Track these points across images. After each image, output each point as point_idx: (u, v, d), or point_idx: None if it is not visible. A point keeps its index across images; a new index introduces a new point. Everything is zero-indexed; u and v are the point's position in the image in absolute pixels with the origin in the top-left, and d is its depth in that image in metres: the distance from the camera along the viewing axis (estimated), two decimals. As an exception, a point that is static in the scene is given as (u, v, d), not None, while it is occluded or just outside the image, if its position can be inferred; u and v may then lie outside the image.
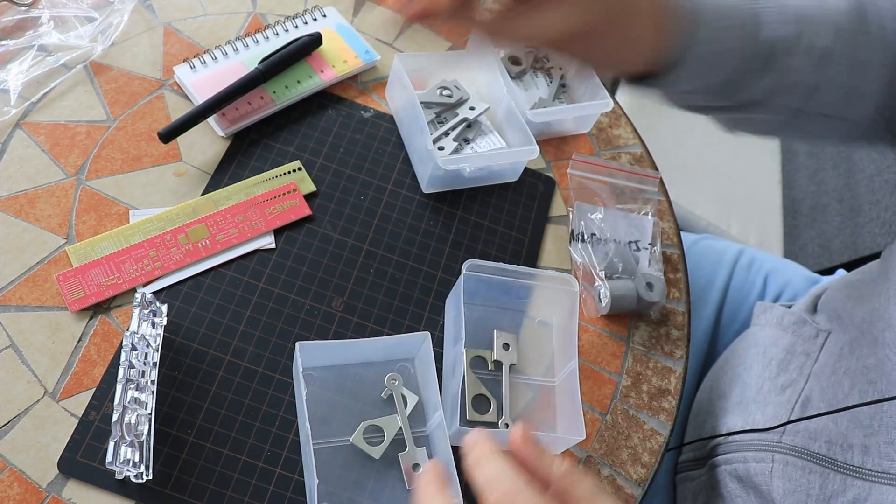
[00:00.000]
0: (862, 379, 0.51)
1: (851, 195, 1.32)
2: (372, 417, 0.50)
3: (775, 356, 0.61)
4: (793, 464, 0.52)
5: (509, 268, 0.55)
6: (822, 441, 0.51)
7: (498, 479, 0.37)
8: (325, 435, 0.50)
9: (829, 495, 0.48)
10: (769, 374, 0.60)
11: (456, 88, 0.65)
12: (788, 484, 0.51)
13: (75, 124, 0.60)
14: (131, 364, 0.47)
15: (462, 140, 0.63)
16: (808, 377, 0.56)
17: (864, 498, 0.46)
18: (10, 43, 0.62)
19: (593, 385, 0.57)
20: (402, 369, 0.53)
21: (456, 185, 0.63)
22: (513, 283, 0.56)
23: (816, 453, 0.51)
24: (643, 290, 0.59)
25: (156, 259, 0.54)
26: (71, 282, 0.52)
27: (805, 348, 0.59)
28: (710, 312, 0.77)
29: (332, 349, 0.52)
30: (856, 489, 0.47)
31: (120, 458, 0.45)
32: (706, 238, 0.85)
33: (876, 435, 0.47)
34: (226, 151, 0.61)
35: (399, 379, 0.52)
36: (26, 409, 0.48)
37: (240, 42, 0.65)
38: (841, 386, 0.52)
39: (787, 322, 0.62)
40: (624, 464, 0.54)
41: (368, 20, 0.71)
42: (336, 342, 0.53)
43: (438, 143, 0.62)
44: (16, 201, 0.55)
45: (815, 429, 0.52)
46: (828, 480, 0.49)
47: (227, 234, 0.56)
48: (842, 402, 0.51)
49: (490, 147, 0.64)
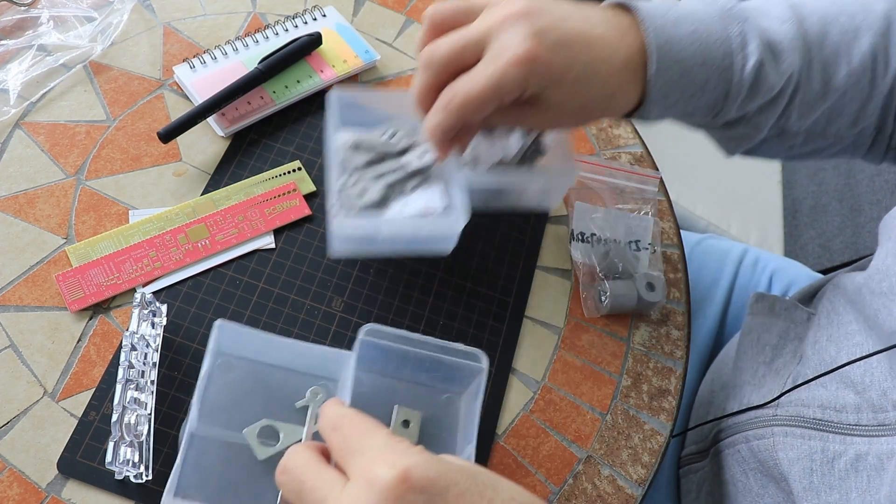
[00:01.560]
0: (847, 342, 0.52)
1: (851, 195, 1.32)
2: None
3: (769, 342, 0.61)
4: (791, 433, 0.52)
5: (413, 336, 0.49)
6: (815, 406, 0.52)
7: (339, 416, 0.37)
8: (219, 425, 0.48)
9: (831, 457, 0.49)
10: (763, 360, 0.60)
11: (409, 131, 0.55)
12: (791, 453, 0.52)
13: (75, 124, 0.60)
14: (131, 364, 0.47)
15: (399, 190, 0.53)
16: (800, 358, 0.57)
17: (865, 453, 0.47)
18: (9, 43, 0.62)
19: (593, 385, 0.57)
20: (326, 386, 0.50)
21: (373, 249, 0.54)
22: (416, 354, 0.50)
23: (812, 418, 0.51)
24: (643, 290, 0.59)
25: (155, 259, 0.54)
26: (70, 282, 0.52)
27: (797, 332, 0.60)
28: (715, 311, 0.77)
29: (252, 339, 0.49)
30: (856, 446, 0.48)
31: (119, 459, 0.45)
32: (710, 237, 0.86)
33: (868, 390, 0.48)
34: (225, 151, 0.61)
35: (322, 394, 0.49)
36: (26, 410, 0.48)
37: (240, 42, 0.65)
38: (827, 352, 0.53)
39: (778, 308, 0.63)
40: (624, 464, 0.54)
41: (368, 20, 0.71)
42: (258, 331, 0.49)
43: (359, 188, 0.52)
44: (15, 201, 0.55)
45: (807, 397, 0.53)
46: (828, 443, 0.50)
47: (227, 234, 0.56)
48: (829, 367, 0.52)
49: (425, 205, 0.52)
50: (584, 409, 0.56)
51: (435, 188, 0.53)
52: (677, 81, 0.47)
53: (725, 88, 0.48)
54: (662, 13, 0.47)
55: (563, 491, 0.52)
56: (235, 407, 0.49)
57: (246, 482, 0.47)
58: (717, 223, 1.17)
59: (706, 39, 0.47)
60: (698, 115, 0.50)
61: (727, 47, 0.47)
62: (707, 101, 0.49)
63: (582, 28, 0.45)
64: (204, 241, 0.56)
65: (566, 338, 0.58)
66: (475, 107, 0.45)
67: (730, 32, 0.47)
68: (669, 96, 0.48)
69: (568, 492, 0.52)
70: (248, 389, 0.50)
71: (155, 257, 0.54)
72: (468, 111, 0.45)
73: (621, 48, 0.46)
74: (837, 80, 0.50)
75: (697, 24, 0.47)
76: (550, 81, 0.45)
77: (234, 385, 0.50)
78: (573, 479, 0.53)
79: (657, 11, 0.47)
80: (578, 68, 0.45)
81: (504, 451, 0.53)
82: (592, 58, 0.45)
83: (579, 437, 0.54)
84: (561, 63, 0.44)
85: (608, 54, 0.46)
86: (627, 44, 0.46)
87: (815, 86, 0.50)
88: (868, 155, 0.57)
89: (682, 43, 0.46)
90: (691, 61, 0.47)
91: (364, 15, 0.72)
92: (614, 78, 0.46)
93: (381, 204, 0.52)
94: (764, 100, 0.49)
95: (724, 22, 0.48)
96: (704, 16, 0.48)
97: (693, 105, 0.49)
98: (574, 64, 0.45)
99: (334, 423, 0.36)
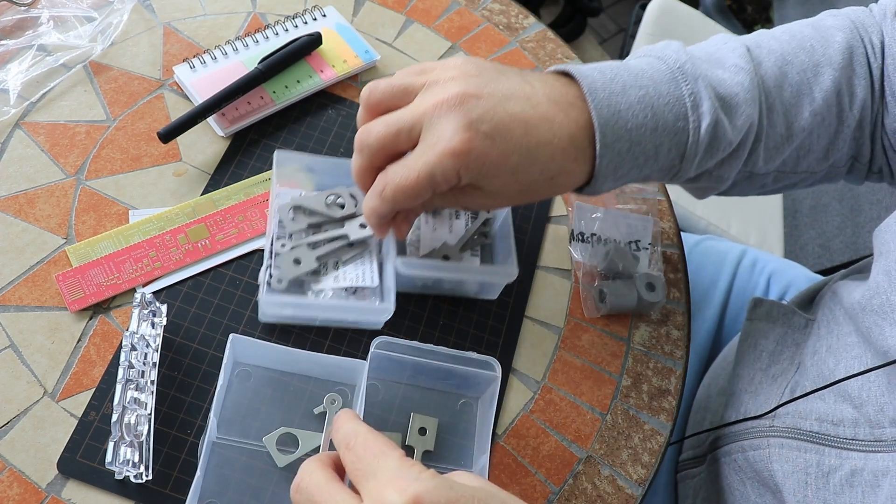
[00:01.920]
0: (846, 354, 0.51)
1: (851, 195, 1.32)
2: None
3: (766, 347, 0.61)
4: (787, 445, 0.52)
5: (425, 347, 0.50)
6: (813, 419, 0.51)
7: (353, 434, 0.38)
8: (238, 434, 0.48)
9: (826, 471, 0.49)
10: (760, 366, 0.60)
11: (352, 198, 0.55)
12: (787, 465, 0.51)
13: (75, 124, 0.60)
14: (131, 364, 0.47)
15: (334, 261, 0.53)
16: (798, 365, 0.57)
17: (860, 468, 0.47)
18: (9, 43, 0.62)
19: (593, 385, 0.57)
20: (343, 392, 0.51)
21: (302, 319, 0.53)
22: (430, 364, 0.50)
23: (808, 431, 0.51)
24: (643, 290, 0.59)
25: (155, 259, 0.54)
26: (70, 282, 0.52)
27: (795, 338, 0.59)
28: (713, 313, 0.77)
29: (268, 351, 0.50)
30: (851, 461, 0.47)
31: (119, 459, 0.45)
32: (709, 238, 0.86)
33: (865, 406, 0.47)
34: (225, 151, 0.61)
35: (338, 401, 0.50)
36: (26, 410, 0.48)
37: (240, 42, 0.65)
38: (825, 363, 0.53)
39: (776, 314, 0.62)
40: (624, 464, 0.54)
41: (368, 20, 0.71)
42: (273, 345, 0.50)
43: (294, 255, 0.52)
44: (15, 201, 0.55)
45: (805, 408, 0.52)
46: (823, 457, 0.49)
47: (227, 234, 0.56)
48: (827, 379, 0.51)
49: (358, 280, 0.52)
50: (584, 409, 0.56)
51: (370, 264, 0.53)
52: (628, 152, 0.45)
53: (680, 151, 0.46)
54: (609, 79, 0.45)
55: (563, 491, 0.52)
56: (254, 415, 0.50)
57: (266, 489, 0.47)
58: (717, 223, 1.17)
59: (656, 104, 0.45)
60: (654, 178, 0.49)
61: (679, 110, 0.45)
62: (661, 166, 0.47)
63: (521, 110, 0.43)
64: (204, 241, 0.56)
65: (566, 338, 0.58)
66: (408, 197, 0.44)
67: (681, 92, 0.45)
68: (620, 168, 0.46)
69: (568, 492, 0.52)
70: (267, 397, 0.50)
71: (155, 257, 0.54)
72: (401, 200, 0.44)
73: (565, 125, 0.44)
74: (802, 121, 0.49)
75: (647, 88, 0.45)
76: (486, 172, 0.43)
77: (252, 393, 0.50)
78: (573, 480, 0.53)
79: (603, 79, 0.45)
80: (516, 157, 0.43)
81: (504, 451, 0.53)
82: (532, 143, 0.43)
83: (579, 437, 0.54)
84: (497, 153, 0.42)
85: (550, 136, 0.43)
86: (573, 119, 0.44)
87: (778, 129, 0.49)
88: (848, 178, 0.57)
89: (630, 111, 0.44)
90: (641, 129, 0.44)
91: (364, 15, 0.72)
92: (557, 160, 0.44)
93: (315, 273, 0.52)
94: (723, 155, 0.48)
95: (675, 82, 0.46)
96: (654, 75, 0.46)
97: (647, 171, 0.47)
98: (511, 153, 0.43)
99: (347, 442, 0.37)
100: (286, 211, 0.54)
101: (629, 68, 0.46)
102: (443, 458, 0.51)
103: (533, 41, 0.74)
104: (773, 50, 0.50)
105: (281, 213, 0.54)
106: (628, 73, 0.46)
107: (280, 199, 0.55)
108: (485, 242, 0.57)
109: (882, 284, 0.48)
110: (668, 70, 0.46)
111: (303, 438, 0.49)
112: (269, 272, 0.51)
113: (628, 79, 0.45)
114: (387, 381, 0.52)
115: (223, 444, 0.48)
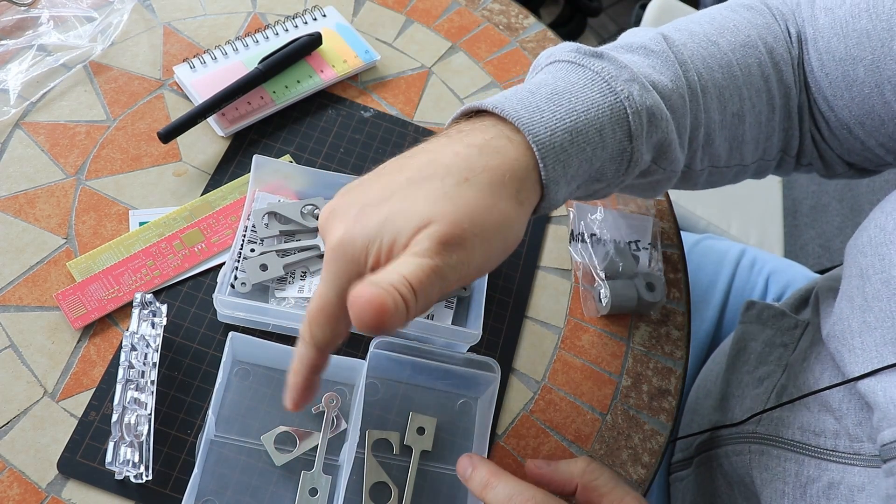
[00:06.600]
0: (831, 363, 0.51)
1: (851, 195, 1.32)
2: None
3: (754, 350, 0.61)
4: (767, 452, 0.52)
5: (423, 347, 0.50)
6: (795, 427, 0.51)
7: (520, 493, 0.38)
8: (236, 432, 0.48)
9: (804, 481, 0.48)
10: (748, 369, 0.60)
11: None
12: (765, 473, 0.51)
13: (75, 124, 0.60)
14: (131, 364, 0.47)
15: (301, 270, 0.53)
16: (785, 367, 0.57)
17: (838, 481, 0.46)
18: (9, 43, 0.62)
19: (593, 385, 0.57)
20: (341, 392, 0.51)
21: (256, 321, 0.52)
22: (429, 364, 0.50)
23: (790, 440, 0.51)
24: (643, 290, 0.59)
25: (153, 268, 0.54)
26: (71, 300, 0.51)
27: (783, 340, 0.59)
28: (712, 313, 0.77)
29: (267, 350, 0.50)
30: (830, 473, 0.47)
31: (119, 459, 0.45)
32: (708, 238, 0.85)
33: (845, 418, 0.47)
34: (225, 151, 0.61)
35: (337, 400, 0.50)
36: (26, 410, 0.48)
37: (240, 42, 0.65)
38: (812, 372, 0.52)
39: (766, 316, 0.62)
40: (624, 464, 0.54)
41: (368, 20, 0.71)
42: (272, 344, 0.49)
43: (261, 261, 0.52)
44: (15, 201, 0.55)
45: (788, 416, 0.52)
46: (802, 466, 0.49)
47: (222, 236, 0.56)
48: (812, 388, 0.51)
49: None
50: (584, 409, 0.56)
51: None
52: (571, 143, 0.39)
53: (625, 128, 0.40)
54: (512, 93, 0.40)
55: (563, 491, 0.52)
56: (253, 413, 0.50)
57: (264, 488, 0.47)
58: (717, 223, 1.16)
59: (573, 90, 0.40)
60: (609, 171, 0.42)
61: (601, 86, 0.40)
62: (612, 153, 0.41)
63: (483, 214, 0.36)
64: (200, 244, 0.56)
65: (566, 338, 0.58)
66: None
67: (594, 73, 0.41)
68: (568, 164, 0.39)
69: (568, 492, 0.52)
70: (266, 396, 0.50)
71: (153, 266, 0.54)
72: None
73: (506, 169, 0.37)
74: (733, 106, 0.47)
75: (555, 85, 0.40)
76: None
77: (251, 392, 0.50)
78: (573, 480, 0.53)
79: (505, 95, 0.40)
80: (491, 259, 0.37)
81: (504, 451, 0.53)
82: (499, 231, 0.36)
83: (579, 438, 0.54)
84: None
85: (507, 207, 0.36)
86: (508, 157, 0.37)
87: (713, 115, 0.47)
88: (777, 171, 0.56)
89: (549, 104, 0.39)
90: (573, 116, 0.39)
91: (364, 15, 0.72)
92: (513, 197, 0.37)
93: (281, 280, 0.53)
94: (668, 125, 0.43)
95: (582, 68, 0.41)
96: (557, 73, 0.42)
97: (597, 162, 0.41)
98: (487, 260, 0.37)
99: None
100: (260, 216, 0.55)
101: (529, 81, 0.42)
102: (441, 457, 0.51)
103: (533, 41, 0.74)
104: (694, 33, 0.47)
105: (255, 218, 0.55)
106: (532, 83, 0.42)
107: (257, 204, 0.56)
108: (463, 295, 0.56)
109: (845, 310, 0.47)
110: (569, 62, 0.42)
111: (301, 437, 0.49)
112: (234, 273, 0.52)
113: (532, 86, 0.41)
114: (386, 380, 0.52)
115: (221, 443, 0.48)
